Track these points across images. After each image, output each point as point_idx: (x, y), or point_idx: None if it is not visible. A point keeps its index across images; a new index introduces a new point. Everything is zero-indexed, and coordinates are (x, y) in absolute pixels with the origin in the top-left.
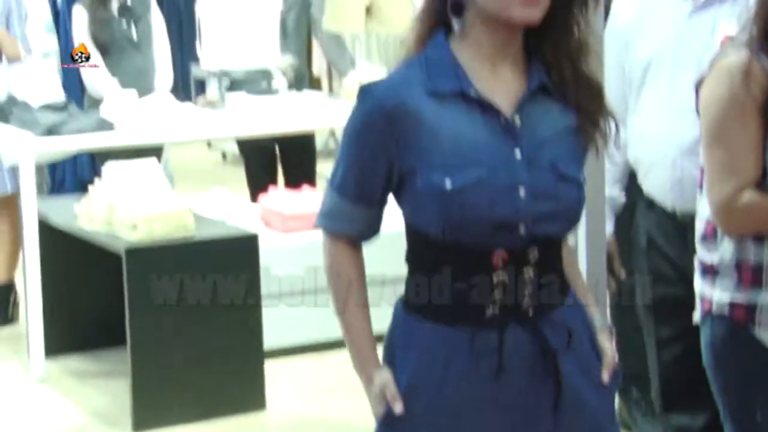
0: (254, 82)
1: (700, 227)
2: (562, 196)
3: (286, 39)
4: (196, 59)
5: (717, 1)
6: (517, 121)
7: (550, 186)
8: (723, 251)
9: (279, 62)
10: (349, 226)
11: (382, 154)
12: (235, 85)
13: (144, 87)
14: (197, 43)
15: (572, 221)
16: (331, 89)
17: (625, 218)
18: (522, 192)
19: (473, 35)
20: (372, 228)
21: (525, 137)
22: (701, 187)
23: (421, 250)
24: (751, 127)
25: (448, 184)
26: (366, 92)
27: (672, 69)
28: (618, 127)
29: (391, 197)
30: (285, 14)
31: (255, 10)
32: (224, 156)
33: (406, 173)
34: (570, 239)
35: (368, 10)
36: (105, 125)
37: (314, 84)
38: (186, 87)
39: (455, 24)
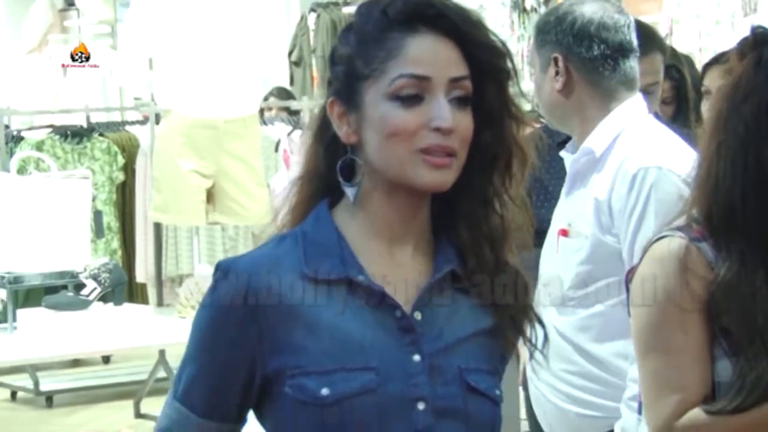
0: (55, 292)
1: None
2: (473, 415)
3: (101, 237)
4: None
5: (576, 188)
6: (418, 317)
7: (457, 402)
8: None
9: (90, 266)
10: None
11: (240, 354)
12: (30, 295)
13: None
14: None
15: None
16: (160, 302)
17: None
18: (421, 407)
19: (367, 206)
20: None
21: (426, 338)
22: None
23: None
24: (693, 331)
25: (325, 392)
26: (224, 272)
27: None
28: (547, 334)
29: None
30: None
31: (56, 201)
32: (14, 396)
33: (271, 378)
34: None
35: (210, 198)
36: None
37: (138, 294)
38: None
39: (349, 192)
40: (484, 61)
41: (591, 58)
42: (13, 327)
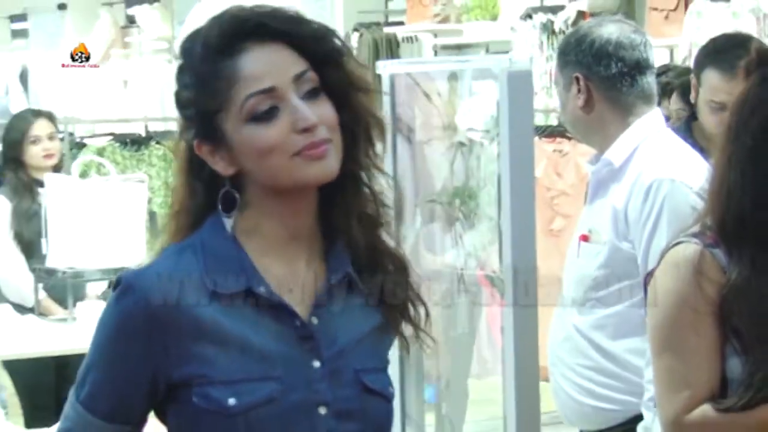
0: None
1: None
2: (370, 414)
3: (157, 236)
4: None
5: (598, 197)
6: (315, 322)
7: (355, 403)
8: None
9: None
10: None
11: (144, 365)
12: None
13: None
14: (43, 240)
15: None
16: None
17: None
18: (323, 411)
19: (261, 216)
20: None
21: (324, 344)
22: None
23: None
24: (705, 332)
25: (231, 402)
26: (127, 285)
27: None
28: (428, 312)
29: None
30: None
31: (115, 203)
32: None
33: (177, 386)
34: None
35: None
36: None
37: None
38: None
39: (227, 223)
40: (315, 49)
41: (609, 76)
42: (72, 318)
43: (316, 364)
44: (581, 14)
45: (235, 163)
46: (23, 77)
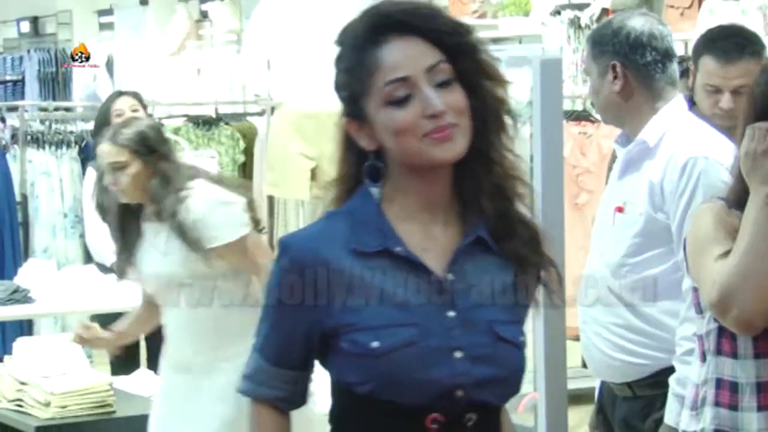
0: None
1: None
2: (502, 360)
3: None
4: None
5: (630, 173)
6: (451, 278)
7: (488, 349)
8: (705, 417)
9: None
10: (272, 391)
11: (301, 316)
12: None
13: None
14: None
15: (513, 388)
16: None
17: None
18: (458, 355)
19: (402, 188)
20: (299, 393)
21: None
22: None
23: (348, 409)
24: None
25: (375, 344)
26: (284, 247)
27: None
28: (561, 277)
29: None
30: None
31: None
32: None
33: (329, 334)
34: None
35: (313, 174)
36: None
37: None
38: None
39: (374, 192)
40: (449, 42)
41: (645, 64)
42: None
43: (451, 313)
44: (605, 11)
45: (376, 140)
46: (109, 65)
